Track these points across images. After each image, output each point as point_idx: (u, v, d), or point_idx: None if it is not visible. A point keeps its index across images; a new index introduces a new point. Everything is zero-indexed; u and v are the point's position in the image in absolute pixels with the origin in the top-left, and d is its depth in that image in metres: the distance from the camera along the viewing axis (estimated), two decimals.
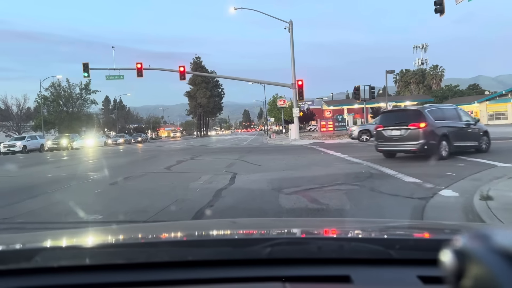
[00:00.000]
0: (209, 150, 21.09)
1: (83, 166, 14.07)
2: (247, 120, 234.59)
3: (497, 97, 52.07)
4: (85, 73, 32.17)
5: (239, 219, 3.45)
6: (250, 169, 10.13)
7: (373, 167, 9.50)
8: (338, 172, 8.89)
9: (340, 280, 0.99)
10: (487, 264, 0.46)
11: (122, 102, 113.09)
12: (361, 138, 22.85)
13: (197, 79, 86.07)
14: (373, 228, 1.61)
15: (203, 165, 12.03)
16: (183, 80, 31.89)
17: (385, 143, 11.16)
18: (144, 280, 1.02)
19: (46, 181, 9.46)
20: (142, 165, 13.15)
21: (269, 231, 1.55)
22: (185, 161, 13.28)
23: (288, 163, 11.32)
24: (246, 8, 31.36)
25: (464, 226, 1.95)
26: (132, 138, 58.11)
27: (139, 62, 31.64)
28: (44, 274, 1.05)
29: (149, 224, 3.71)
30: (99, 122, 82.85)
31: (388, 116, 11.55)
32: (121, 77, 32.72)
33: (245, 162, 12.22)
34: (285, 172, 9.20)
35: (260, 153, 17.16)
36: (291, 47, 31.25)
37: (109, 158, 18.31)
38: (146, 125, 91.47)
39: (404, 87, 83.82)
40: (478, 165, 8.99)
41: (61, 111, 60.13)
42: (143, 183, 8.42)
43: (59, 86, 60.23)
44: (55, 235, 1.77)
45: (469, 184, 6.62)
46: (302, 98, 30.90)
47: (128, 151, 26.19)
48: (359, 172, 8.89)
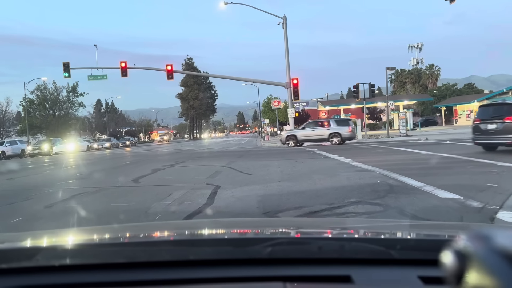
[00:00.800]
0: (196, 155, 19.12)
1: (36, 178, 11.82)
2: (242, 122, 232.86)
3: (497, 96, 50.35)
4: (66, 73, 30.10)
5: (240, 219, 3.66)
6: (237, 180, 8.23)
7: (389, 176, 7.67)
8: (347, 184, 7.04)
9: (340, 280, 0.98)
10: (488, 265, 0.46)
11: (114, 105, 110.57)
12: (287, 143, 22.71)
13: (189, 80, 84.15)
14: (374, 228, 1.62)
15: (182, 174, 10.00)
16: (171, 79, 29.91)
17: (482, 136, 11.40)
18: (145, 279, 1.01)
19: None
20: (109, 176, 11.01)
21: (270, 230, 1.55)
22: (163, 170, 11.26)
23: (284, 171, 9.44)
24: (237, 2, 29.49)
25: (465, 227, 1.95)
26: (120, 142, 55.79)
27: (123, 61, 29.62)
28: (45, 273, 1.05)
29: (150, 223, 3.69)
30: (91, 126, 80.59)
31: (485, 110, 11.72)
32: (104, 77, 30.67)
33: (233, 170, 10.30)
34: (281, 184, 7.32)
35: (252, 157, 15.25)
36: (285, 43, 29.45)
37: (79, 166, 16.06)
38: (138, 128, 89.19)
39: (400, 87, 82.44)
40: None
41: (47, 114, 58.19)
42: (91, 205, 6.21)
43: (45, 88, 58.34)
44: (56, 234, 1.76)
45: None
46: (298, 97, 29.08)
47: (107, 157, 24.01)
48: (373, 183, 7.05)
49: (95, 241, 1.37)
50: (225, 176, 9.05)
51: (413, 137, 23.74)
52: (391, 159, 11.30)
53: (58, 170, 14.53)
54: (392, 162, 10.38)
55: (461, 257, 0.49)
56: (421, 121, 48.62)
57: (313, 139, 22.14)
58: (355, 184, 6.97)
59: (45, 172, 13.86)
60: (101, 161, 19.55)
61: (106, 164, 16.78)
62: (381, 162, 10.53)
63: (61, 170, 14.81)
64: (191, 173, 9.92)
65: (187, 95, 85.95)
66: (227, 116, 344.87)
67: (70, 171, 13.59)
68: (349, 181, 7.39)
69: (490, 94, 53.34)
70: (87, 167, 15.20)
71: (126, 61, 29.73)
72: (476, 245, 0.49)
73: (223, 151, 22.00)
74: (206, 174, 9.27)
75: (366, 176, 7.92)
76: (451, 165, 9.25)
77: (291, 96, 28.96)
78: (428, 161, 10.39)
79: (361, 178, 7.69)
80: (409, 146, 16.23)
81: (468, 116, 53.42)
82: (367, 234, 1.41)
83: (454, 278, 0.49)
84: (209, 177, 8.79)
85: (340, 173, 8.59)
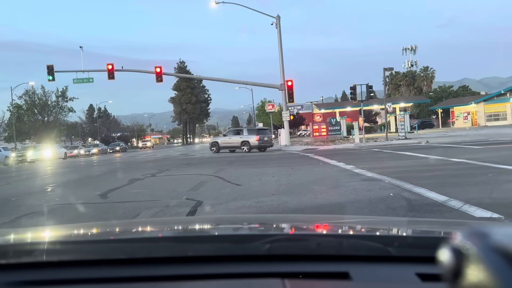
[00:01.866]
0: (184, 161, 17.79)
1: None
2: (236, 126, 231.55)
3: (495, 97, 49.59)
4: (50, 76, 28.80)
5: (239, 215, 4.02)
6: (224, 193, 7.01)
7: (402, 187, 6.51)
8: (355, 198, 5.86)
9: (339, 277, 0.98)
10: (485, 262, 0.46)
11: (107, 111, 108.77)
12: (212, 149, 24.00)
13: (182, 84, 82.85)
14: (372, 225, 1.60)
15: (161, 186, 8.61)
16: (160, 82, 28.67)
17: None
18: (144, 275, 1.01)
19: None
20: (77, 188, 9.41)
21: (268, 227, 1.55)
22: (142, 180, 9.92)
23: (280, 181, 8.23)
24: (228, 2, 28.39)
25: (462, 224, 1.94)
26: (109, 147, 54.03)
27: (110, 63, 28.37)
28: (44, 269, 1.05)
29: (149, 220, 3.71)
30: (83, 131, 78.91)
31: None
32: (90, 81, 29.35)
33: (221, 179, 9.06)
34: (275, 198, 6.11)
35: (243, 164, 14.02)
36: (279, 44, 28.37)
37: (50, 177, 14.32)
38: (131, 133, 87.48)
39: (394, 89, 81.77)
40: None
41: (36, 120, 56.72)
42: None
43: (33, 93, 56.91)
44: (56, 229, 1.76)
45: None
46: (293, 100, 27.96)
47: (86, 165, 22.50)
48: (386, 196, 5.88)
49: (94, 237, 1.39)
50: (211, 187, 7.81)
51: (412, 140, 22.69)
52: (398, 165, 10.14)
53: (23, 182, 12.97)
54: (400, 169, 9.23)
55: (458, 254, 0.49)
56: (418, 123, 47.77)
57: (230, 146, 22.99)
58: (364, 199, 5.79)
59: (5, 185, 12.06)
60: (77, 170, 17.95)
61: (81, 173, 15.21)
62: (387, 169, 9.37)
63: (26, 181, 13.16)
64: (172, 184, 8.63)
65: (179, 99, 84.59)
66: (221, 121, 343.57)
67: (35, 183, 12.00)
68: (356, 194, 6.19)
69: (487, 96, 52.66)
70: (58, 177, 13.69)
71: (113, 63, 28.49)
72: (474, 242, 0.48)
73: (214, 156, 20.71)
74: (189, 186, 8.02)
75: (374, 187, 6.74)
76: (468, 172, 8.11)
77: (285, 98, 27.84)
78: (440, 167, 9.25)
79: (369, 189, 6.51)
80: (412, 150, 15.11)
81: (465, 118, 52.67)
82: (365, 231, 1.40)
83: (452, 275, 0.49)
84: (192, 189, 7.54)
85: (344, 183, 7.40)
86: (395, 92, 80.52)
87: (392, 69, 26.91)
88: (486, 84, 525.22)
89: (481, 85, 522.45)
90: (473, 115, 51.80)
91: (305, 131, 64.65)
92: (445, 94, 64.92)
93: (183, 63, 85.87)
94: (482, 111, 50.03)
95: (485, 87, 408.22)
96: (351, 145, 22.25)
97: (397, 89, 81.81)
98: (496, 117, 48.39)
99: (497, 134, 23.49)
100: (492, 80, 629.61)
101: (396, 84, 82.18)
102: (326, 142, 27.78)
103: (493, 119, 48.62)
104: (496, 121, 47.43)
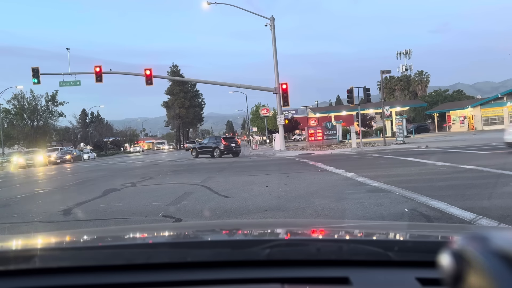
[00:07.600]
0: (170, 168, 16.70)
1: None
2: (231, 131, 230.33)
3: (491, 101, 49.02)
4: (35, 79, 27.58)
5: (238, 221, 3.99)
6: (209, 207, 6.00)
7: (416, 200, 5.57)
8: (364, 215, 4.91)
9: (339, 282, 0.97)
10: (485, 267, 0.45)
11: (100, 115, 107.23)
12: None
13: (175, 88, 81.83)
14: (372, 229, 1.58)
15: (138, 198, 7.45)
16: (150, 85, 27.61)
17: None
18: (144, 281, 1.00)
19: None
20: (43, 200, 8.36)
21: (268, 232, 1.54)
22: (119, 190, 8.81)
23: (274, 192, 7.25)
24: (220, 2, 27.48)
25: (462, 228, 1.93)
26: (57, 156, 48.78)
27: (97, 66, 27.28)
28: (43, 275, 1.04)
29: (148, 226, 3.60)
30: (75, 136, 77.35)
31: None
32: (77, 83, 28.22)
33: (208, 190, 8.04)
34: (269, 215, 5.14)
35: (235, 171, 13.01)
36: (273, 46, 27.49)
37: (18, 187, 13.30)
38: (124, 138, 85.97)
39: (389, 94, 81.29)
40: None
41: (25, 124, 55.36)
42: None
43: (22, 98, 55.55)
44: (54, 236, 1.73)
45: None
46: (287, 103, 27.02)
47: (70, 172, 21.47)
48: (400, 213, 4.94)
49: (93, 243, 1.39)
50: (194, 200, 6.78)
51: (411, 145, 21.82)
52: (404, 173, 9.20)
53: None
54: (407, 178, 8.30)
55: (458, 259, 0.49)
56: (413, 127, 47.05)
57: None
58: (375, 216, 4.83)
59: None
60: (55, 178, 16.70)
61: (57, 182, 13.97)
62: (393, 177, 8.43)
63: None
64: (151, 196, 7.56)
65: (172, 104, 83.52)
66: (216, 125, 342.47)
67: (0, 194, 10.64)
68: (364, 209, 5.23)
69: (484, 100, 52.10)
70: (29, 187, 12.53)
71: (101, 66, 27.40)
72: (474, 246, 0.48)
73: (205, 163, 19.66)
74: (170, 198, 7.00)
75: (384, 200, 5.78)
76: (487, 181, 7.18)
77: (280, 102, 26.93)
78: (452, 175, 8.31)
79: (379, 204, 5.54)
80: (413, 156, 14.21)
81: (462, 122, 52.09)
82: (365, 236, 1.39)
83: (452, 279, 0.49)
84: (172, 202, 6.52)
85: (348, 195, 6.43)
86: (389, 97, 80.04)
87: (389, 72, 26.07)
88: (479, 89, 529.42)
89: (474, 89, 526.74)
90: (470, 119, 51.18)
91: (300, 136, 63.67)
92: (440, 98, 64.41)
93: (176, 67, 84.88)
94: (479, 115, 49.44)
95: (478, 91, 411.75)
96: (348, 150, 21.34)
97: (392, 93, 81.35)
98: (493, 121, 47.80)
99: (498, 139, 22.72)
100: (484, 85, 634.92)
101: (390, 88, 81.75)
102: (322, 147, 26.86)
103: (490, 123, 48.01)
104: (493, 125, 46.81)
